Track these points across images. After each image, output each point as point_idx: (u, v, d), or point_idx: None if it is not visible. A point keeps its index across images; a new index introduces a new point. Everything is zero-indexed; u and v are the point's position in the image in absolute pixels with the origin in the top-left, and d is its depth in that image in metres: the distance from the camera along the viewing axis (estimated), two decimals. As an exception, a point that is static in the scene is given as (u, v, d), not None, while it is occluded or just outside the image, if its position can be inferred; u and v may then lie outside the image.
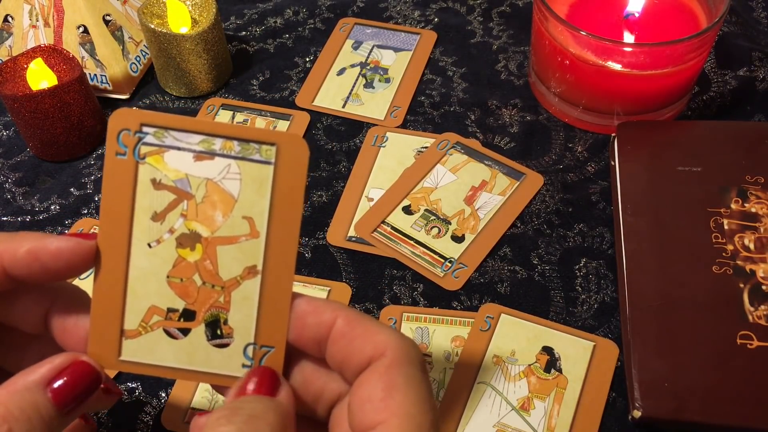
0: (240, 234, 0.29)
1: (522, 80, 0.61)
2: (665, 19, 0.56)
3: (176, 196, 0.28)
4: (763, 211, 0.48)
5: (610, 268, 0.49)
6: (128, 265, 0.29)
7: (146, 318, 0.29)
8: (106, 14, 0.60)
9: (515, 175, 0.54)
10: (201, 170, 0.28)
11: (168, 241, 0.29)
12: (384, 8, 0.68)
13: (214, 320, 0.29)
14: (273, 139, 0.28)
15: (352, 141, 0.58)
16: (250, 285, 0.29)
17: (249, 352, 0.29)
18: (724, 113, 0.58)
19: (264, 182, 0.28)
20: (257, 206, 0.28)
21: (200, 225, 0.29)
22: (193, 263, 0.29)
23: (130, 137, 0.28)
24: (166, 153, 0.28)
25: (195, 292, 0.29)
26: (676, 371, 0.42)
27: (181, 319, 0.29)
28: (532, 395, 0.43)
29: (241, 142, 0.28)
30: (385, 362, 0.27)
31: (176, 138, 0.28)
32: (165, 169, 0.28)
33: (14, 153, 0.59)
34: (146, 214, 0.28)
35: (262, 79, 0.63)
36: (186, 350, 0.29)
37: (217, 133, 0.28)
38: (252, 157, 0.28)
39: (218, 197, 0.28)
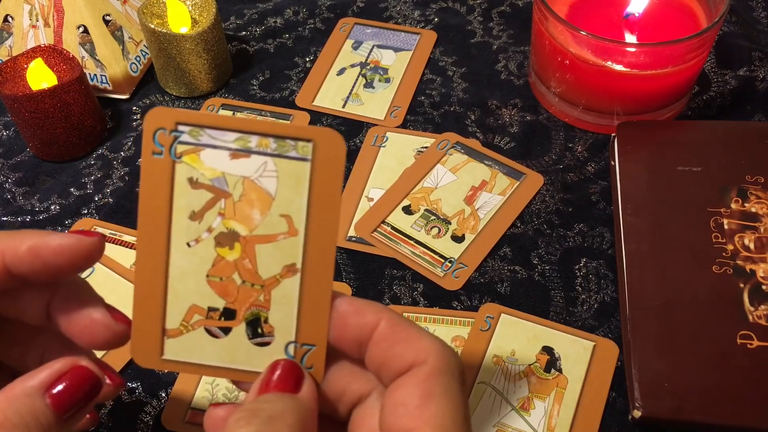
0: (278, 232, 0.28)
1: (522, 80, 0.61)
2: (665, 19, 0.56)
3: (213, 195, 0.28)
4: (763, 211, 0.48)
5: (610, 268, 0.49)
6: (168, 264, 0.29)
7: (187, 317, 0.29)
8: (106, 14, 0.60)
9: (515, 175, 0.54)
10: (237, 168, 0.28)
11: (207, 241, 0.28)
12: (384, 8, 0.68)
13: (254, 319, 0.29)
14: (309, 135, 0.28)
15: (352, 141, 0.58)
16: (289, 283, 0.29)
17: (290, 351, 0.29)
18: (724, 113, 0.58)
19: (301, 179, 0.28)
20: (295, 204, 0.28)
21: (238, 224, 0.28)
22: (232, 262, 0.29)
23: (166, 136, 0.28)
24: (202, 151, 0.28)
25: (235, 291, 0.29)
26: (676, 371, 0.42)
27: (221, 318, 0.29)
28: (532, 395, 0.43)
29: (277, 139, 0.28)
30: (426, 369, 0.26)
31: (212, 136, 0.28)
32: (202, 168, 0.28)
33: (14, 153, 0.59)
34: (184, 213, 0.28)
35: (262, 79, 0.63)
36: (227, 349, 0.29)
37: (252, 131, 0.28)
38: (288, 154, 0.28)
39: (255, 195, 0.28)
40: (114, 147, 0.59)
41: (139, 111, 0.61)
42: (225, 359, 0.29)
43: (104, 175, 0.57)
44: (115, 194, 0.55)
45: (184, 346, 0.29)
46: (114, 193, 0.55)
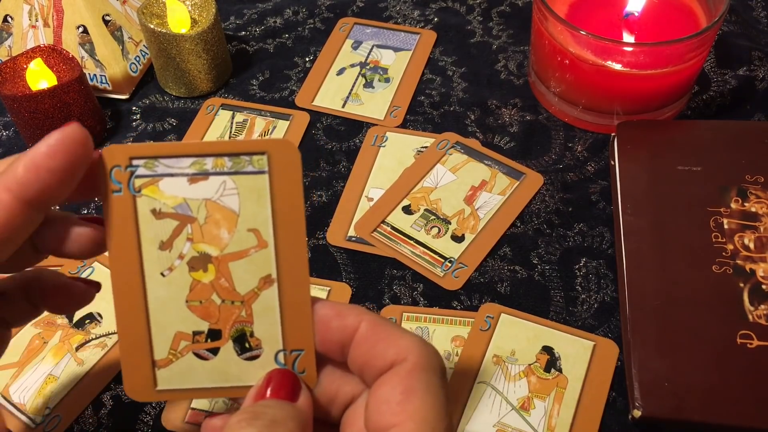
0: (249, 247, 0.29)
1: (522, 80, 0.61)
2: (665, 18, 0.56)
3: (179, 222, 0.29)
4: (762, 211, 0.48)
5: (610, 268, 0.49)
6: (146, 297, 0.29)
7: (174, 345, 0.29)
8: (106, 14, 0.60)
9: (515, 174, 0.54)
10: (198, 192, 0.28)
11: (180, 267, 0.29)
12: (384, 8, 0.68)
13: (240, 335, 0.29)
14: (262, 148, 0.28)
15: (351, 141, 0.58)
16: (268, 294, 0.29)
17: (281, 359, 0.29)
18: (724, 113, 0.58)
19: (262, 192, 0.28)
20: (260, 216, 0.29)
21: (208, 245, 0.29)
22: (208, 284, 0.29)
23: (122, 173, 0.28)
24: (160, 182, 0.28)
25: (216, 312, 0.29)
26: (676, 371, 0.42)
27: (208, 339, 0.29)
28: (532, 395, 0.43)
29: (232, 156, 0.28)
30: (407, 366, 0.27)
31: (167, 165, 0.28)
32: (162, 198, 0.28)
33: (14, 153, 0.59)
34: (153, 244, 0.29)
35: (262, 79, 0.63)
36: (219, 369, 0.29)
37: (206, 153, 0.28)
38: (245, 169, 0.28)
39: (220, 215, 0.29)
40: (114, 147, 0.59)
41: (139, 111, 0.61)
42: (218, 379, 0.29)
43: (104, 175, 0.57)
44: (115, 194, 0.55)
45: (176, 374, 0.29)
46: (114, 193, 0.55)
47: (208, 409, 0.43)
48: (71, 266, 0.50)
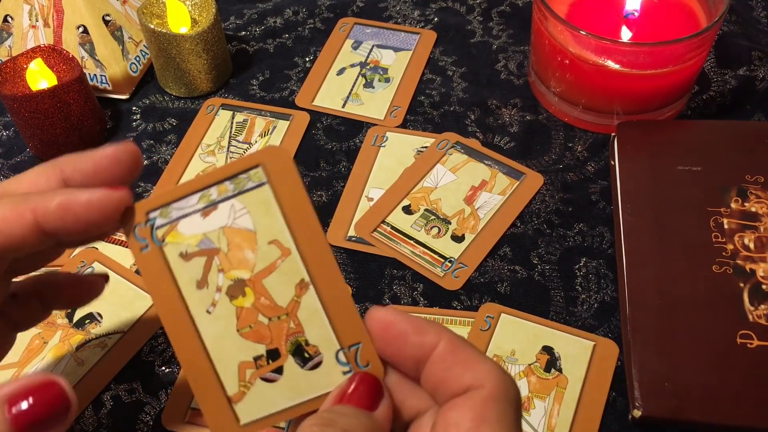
0: (275, 259, 0.29)
1: (522, 80, 0.61)
2: (665, 18, 0.56)
3: (207, 257, 0.29)
4: (763, 211, 0.48)
5: (610, 268, 0.49)
6: (201, 338, 0.29)
7: (241, 376, 0.29)
8: (106, 14, 0.60)
9: (515, 174, 0.54)
10: (213, 223, 0.29)
11: (221, 300, 0.29)
12: (384, 8, 0.68)
13: (297, 347, 0.29)
14: (255, 161, 0.29)
15: (352, 141, 0.58)
16: (308, 299, 0.29)
17: (342, 358, 0.29)
18: (724, 113, 0.58)
19: (269, 202, 0.29)
20: (275, 226, 0.29)
21: (238, 270, 0.29)
22: (251, 307, 0.29)
23: (143, 229, 0.29)
24: (178, 225, 0.29)
25: (268, 331, 0.29)
26: (676, 371, 0.42)
27: (269, 361, 0.29)
28: (532, 395, 0.43)
29: (231, 179, 0.29)
30: (482, 393, 0.26)
31: (179, 208, 0.29)
32: (185, 240, 0.29)
33: (14, 153, 0.59)
34: (191, 286, 0.29)
35: (262, 79, 0.63)
36: (289, 386, 0.30)
37: (207, 185, 0.29)
38: (247, 187, 0.29)
39: (240, 238, 0.29)
40: (114, 147, 0.59)
41: (139, 111, 0.61)
42: (292, 397, 0.30)
43: (104, 175, 0.57)
44: (115, 194, 0.55)
45: (253, 404, 0.30)
46: (114, 193, 0.55)
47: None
48: (71, 266, 0.50)
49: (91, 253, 0.51)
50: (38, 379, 0.27)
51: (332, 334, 0.29)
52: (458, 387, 0.27)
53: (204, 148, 0.58)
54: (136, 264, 0.29)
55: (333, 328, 0.29)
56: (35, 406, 0.27)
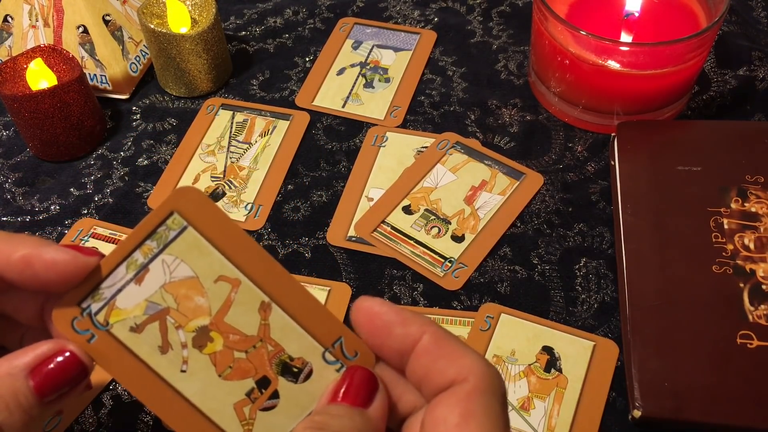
0: (227, 293, 0.29)
1: (522, 80, 0.61)
2: (665, 18, 0.56)
3: (159, 321, 0.29)
4: (763, 211, 0.48)
5: (610, 268, 0.49)
6: (187, 400, 0.29)
7: (241, 416, 0.29)
8: (106, 14, 0.60)
9: (515, 174, 0.54)
10: (151, 286, 0.29)
11: (191, 354, 0.29)
12: (384, 8, 0.68)
13: (283, 366, 0.29)
14: (167, 209, 0.29)
15: (352, 141, 0.58)
16: (275, 317, 0.29)
17: (329, 358, 0.29)
18: (724, 113, 0.58)
19: (198, 243, 0.29)
20: (214, 263, 0.29)
21: (196, 320, 0.29)
22: (224, 348, 0.29)
23: (82, 321, 0.28)
24: (116, 302, 0.29)
25: (249, 364, 0.29)
26: (676, 371, 0.42)
27: (261, 391, 0.29)
28: (532, 395, 0.43)
29: (151, 237, 0.29)
30: (467, 387, 0.26)
31: (110, 286, 0.29)
32: (129, 313, 0.29)
33: (14, 153, 0.59)
34: (155, 354, 0.29)
35: (262, 79, 0.63)
36: (290, 405, 0.29)
37: (129, 252, 0.29)
38: (170, 238, 0.29)
39: (184, 288, 0.29)
40: (114, 147, 0.59)
41: (139, 111, 0.61)
42: (298, 413, 0.29)
43: (104, 175, 0.57)
44: (115, 194, 0.55)
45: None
46: (114, 193, 0.55)
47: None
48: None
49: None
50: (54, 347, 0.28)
51: (311, 340, 0.29)
52: (443, 381, 0.27)
53: (204, 148, 0.58)
54: (91, 355, 0.28)
55: (310, 333, 0.29)
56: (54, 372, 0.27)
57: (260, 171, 0.56)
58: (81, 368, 0.28)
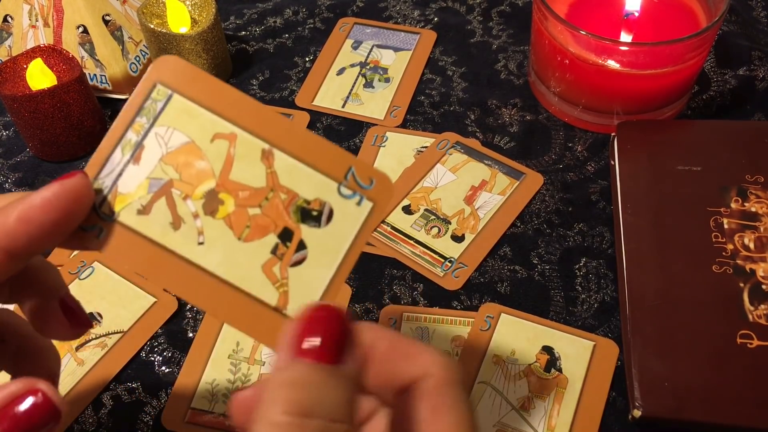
0: (226, 150, 0.27)
1: (522, 80, 0.61)
2: (665, 18, 0.56)
3: (165, 195, 0.27)
4: (763, 211, 0.48)
5: (610, 268, 0.49)
6: (212, 273, 0.27)
7: (272, 278, 0.27)
8: (106, 14, 0.60)
9: (515, 174, 0.54)
10: (149, 162, 0.27)
11: (205, 222, 0.27)
12: (384, 8, 0.68)
13: (301, 211, 0.27)
14: (150, 81, 0.27)
15: (351, 141, 0.58)
16: (280, 162, 0.27)
17: (346, 192, 0.27)
18: (724, 113, 0.58)
19: (187, 107, 0.27)
20: (206, 122, 0.27)
21: (201, 185, 0.27)
22: (236, 208, 0.27)
23: (93, 217, 0.27)
24: (118, 188, 0.27)
25: (266, 219, 0.27)
26: (676, 371, 0.42)
27: (286, 244, 0.27)
28: (532, 395, 0.43)
29: (139, 113, 0.27)
30: (432, 383, 0.26)
31: (108, 173, 0.27)
32: (134, 196, 0.27)
33: (14, 153, 0.59)
34: (168, 232, 0.27)
35: (262, 79, 0.63)
36: (322, 252, 0.27)
37: (121, 133, 0.27)
38: (158, 110, 0.27)
39: (183, 155, 0.27)
40: (114, 147, 0.59)
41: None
42: (331, 259, 0.27)
43: (104, 175, 0.57)
44: (115, 194, 0.55)
45: (301, 295, 0.27)
46: (114, 193, 0.55)
47: (208, 409, 0.43)
48: (71, 266, 0.50)
49: (91, 253, 0.51)
50: (21, 387, 0.26)
51: (322, 177, 0.27)
52: (405, 381, 0.26)
53: (204, 148, 0.58)
54: (101, 257, 0.27)
55: (319, 170, 0.27)
56: (24, 417, 0.26)
57: (260, 171, 0.56)
58: (52, 412, 0.26)
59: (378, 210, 0.27)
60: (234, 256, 0.27)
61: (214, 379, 0.45)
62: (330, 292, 0.27)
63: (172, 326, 0.48)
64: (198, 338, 0.47)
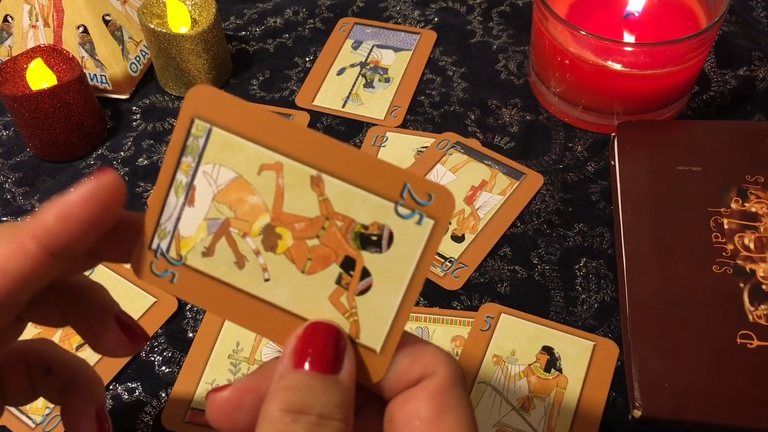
0: (275, 181, 0.27)
1: (522, 80, 0.61)
2: (665, 18, 0.56)
3: (224, 236, 0.27)
4: (763, 211, 0.48)
5: (610, 268, 0.49)
6: (283, 309, 0.27)
7: (341, 308, 0.27)
8: (106, 14, 0.60)
9: (515, 174, 0.54)
10: (203, 203, 0.27)
11: (268, 258, 0.27)
12: (384, 8, 0.68)
13: (361, 238, 0.26)
14: (187, 116, 0.27)
15: (352, 141, 0.58)
16: (331, 188, 0.26)
17: (403, 212, 0.26)
18: (724, 113, 0.58)
19: (227, 140, 0.27)
20: (250, 154, 0.26)
21: (256, 221, 0.27)
22: (295, 240, 0.27)
23: (159, 263, 0.27)
24: (180, 232, 0.27)
25: (325, 249, 0.27)
26: (676, 371, 0.42)
27: (350, 273, 0.26)
28: (532, 395, 0.43)
29: (184, 153, 0.27)
30: (436, 381, 0.26)
31: (168, 218, 0.27)
32: (196, 239, 0.27)
33: (14, 153, 0.59)
34: (234, 272, 0.27)
35: (262, 79, 0.63)
36: (387, 278, 0.26)
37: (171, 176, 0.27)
38: (201, 146, 0.27)
39: (233, 192, 0.27)
40: (114, 147, 0.59)
41: (139, 111, 0.61)
42: (398, 284, 0.26)
43: (104, 175, 0.57)
44: (115, 194, 0.55)
45: (372, 323, 0.26)
46: (114, 193, 0.55)
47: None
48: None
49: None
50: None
51: (377, 199, 0.26)
52: (409, 378, 0.26)
53: (204, 148, 0.58)
54: (178, 297, 0.27)
55: (372, 192, 0.26)
56: None
57: (260, 171, 0.56)
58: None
59: (440, 227, 0.26)
60: (300, 290, 0.27)
61: (214, 379, 0.45)
62: (400, 319, 0.26)
63: (172, 326, 0.48)
64: (198, 338, 0.47)
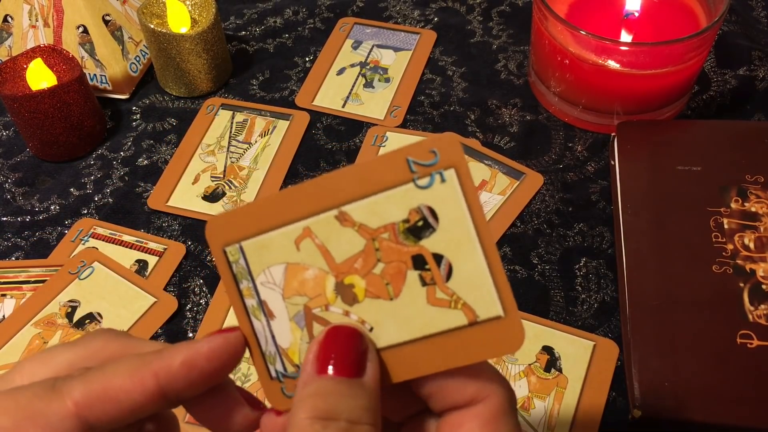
0: (314, 245, 0.27)
1: (522, 80, 0.61)
2: (665, 18, 0.56)
3: (313, 320, 0.27)
4: (763, 211, 0.48)
5: (610, 268, 0.49)
6: (407, 342, 0.26)
7: (443, 304, 0.26)
8: (106, 14, 0.60)
9: (515, 174, 0.54)
10: (280, 310, 0.28)
11: (358, 311, 0.27)
12: (384, 8, 0.68)
13: (407, 231, 0.26)
14: (218, 247, 0.28)
15: (351, 141, 0.58)
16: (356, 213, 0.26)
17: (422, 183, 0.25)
18: (724, 113, 0.58)
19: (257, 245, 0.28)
20: (276, 240, 0.27)
21: (326, 287, 0.27)
22: (366, 279, 0.27)
23: (284, 384, 0.28)
24: (281, 347, 0.28)
25: (392, 263, 0.26)
26: (676, 371, 0.42)
27: (426, 267, 0.26)
28: (532, 395, 0.43)
29: (238, 281, 0.28)
30: (490, 407, 0.25)
31: (265, 341, 0.28)
32: (296, 345, 0.28)
33: (14, 153, 0.59)
34: None
35: (262, 79, 0.63)
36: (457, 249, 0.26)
37: (242, 307, 0.28)
38: (244, 265, 0.28)
39: (293, 281, 0.27)
40: (114, 147, 0.59)
41: (139, 111, 0.61)
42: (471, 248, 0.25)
43: (104, 175, 0.57)
44: (115, 194, 0.55)
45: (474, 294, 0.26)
46: (114, 193, 0.55)
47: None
48: (71, 266, 0.50)
49: (91, 253, 0.51)
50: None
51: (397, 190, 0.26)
52: (461, 398, 0.26)
53: (204, 147, 0.58)
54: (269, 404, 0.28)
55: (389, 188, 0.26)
56: None
57: (260, 171, 0.56)
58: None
59: (462, 169, 0.25)
60: (402, 316, 0.26)
61: (214, 379, 0.45)
62: (496, 272, 0.25)
63: (172, 326, 0.48)
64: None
